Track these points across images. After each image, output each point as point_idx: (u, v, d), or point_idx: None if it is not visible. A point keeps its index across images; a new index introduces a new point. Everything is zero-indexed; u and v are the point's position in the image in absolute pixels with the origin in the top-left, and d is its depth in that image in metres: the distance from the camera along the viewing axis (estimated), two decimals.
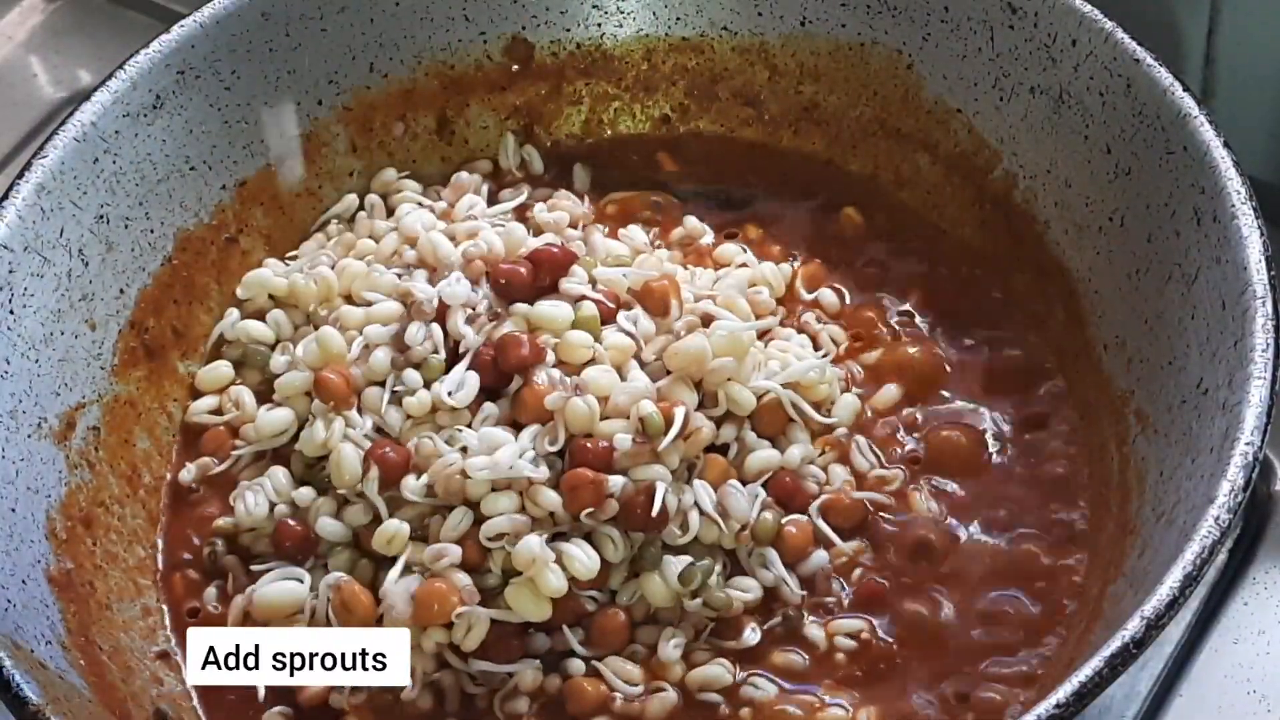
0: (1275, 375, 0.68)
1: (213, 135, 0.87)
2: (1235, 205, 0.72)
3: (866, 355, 0.84)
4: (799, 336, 0.83)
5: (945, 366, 0.83)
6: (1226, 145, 0.74)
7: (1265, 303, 0.69)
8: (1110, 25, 0.79)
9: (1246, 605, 0.81)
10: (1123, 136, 0.79)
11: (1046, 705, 0.61)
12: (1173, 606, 0.62)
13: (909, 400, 0.82)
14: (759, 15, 0.91)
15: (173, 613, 0.78)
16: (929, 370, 0.83)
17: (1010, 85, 0.84)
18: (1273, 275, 0.70)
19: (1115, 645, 0.62)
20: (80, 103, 0.82)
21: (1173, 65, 0.78)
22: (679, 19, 0.93)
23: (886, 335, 0.85)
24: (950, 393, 0.82)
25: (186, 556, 0.80)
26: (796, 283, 0.86)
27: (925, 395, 0.82)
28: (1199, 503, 0.66)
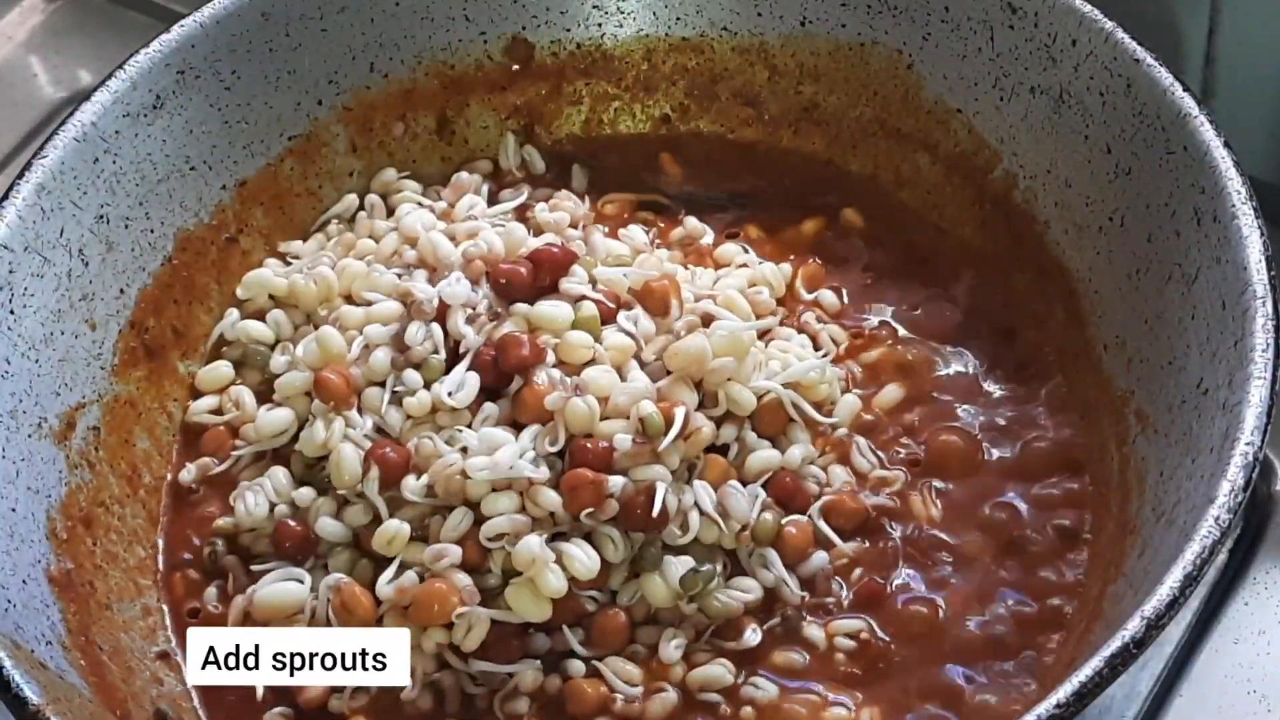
0: (1275, 375, 0.68)
1: (213, 135, 0.87)
2: (1235, 205, 0.72)
3: (866, 355, 0.84)
4: (799, 336, 0.83)
5: (944, 366, 0.83)
6: (1226, 145, 0.74)
7: (1265, 303, 0.69)
8: (1110, 25, 0.79)
9: (1246, 605, 0.81)
10: (1123, 136, 0.79)
11: (1046, 705, 0.61)
12: (1173, 606, 0.62)
13: (909, 401, 0.82)
14: (759, 15, 0.91)
15: (173, 613, 0.78)
16: (928, 370, 0.83)
17: (1010, 85, 0.84)
18: (1273, 275, 0.70)
19: (1115, 645, 0.62)
20: (80, 103, 0.82)
21: (1173, 65, 0.77)
22: (679, 19, 0.93)
23: (886, 335, 0.85)
24: (950, 393, 0.82)
25: (187, 556, 0.80)
26: (796, 283, 0.86)
27: (925, 396, 0.82)
28: (1199, 503, 0.66)
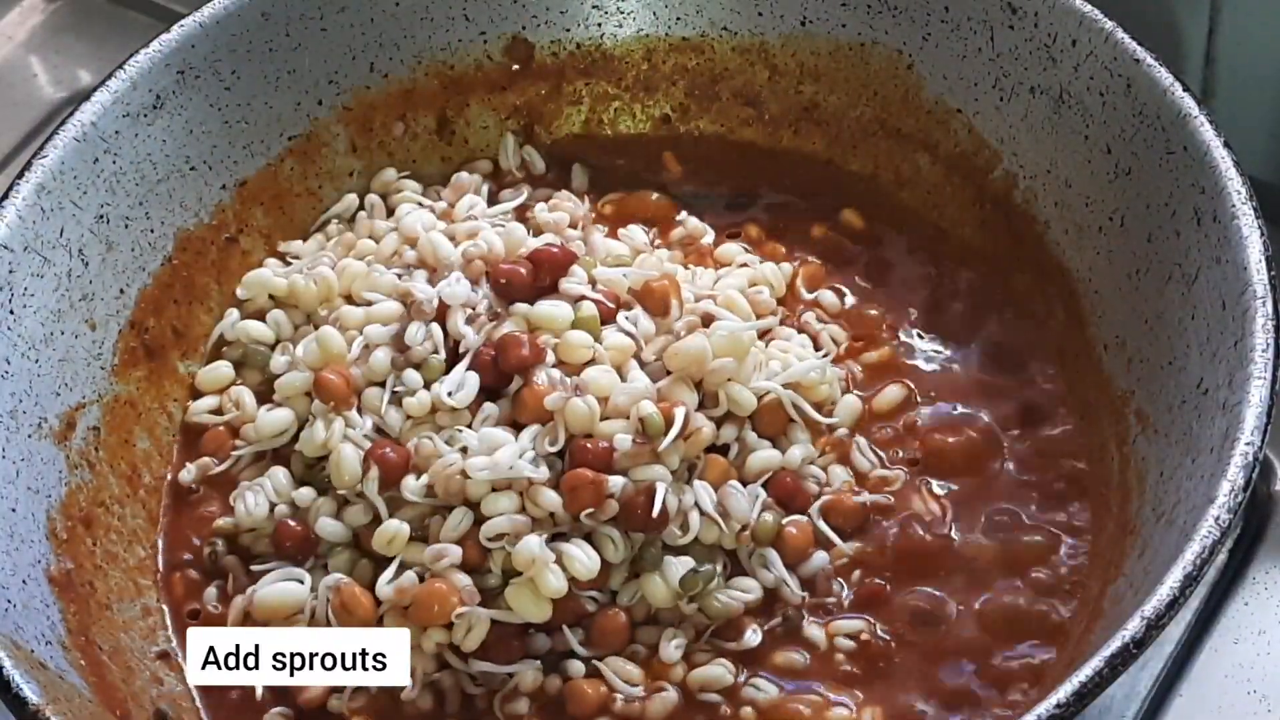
0: (1275, 375, 0.67)
1: (213, 135, 0.87)
2: (1235, 205, 0.72)
3: (867, 355, 0.84)
4: (799, 336, 0.82)
5: (945, 366, 0.83)
6: (1226, 145, 0.74)
7: (1265, 303, 0.69)
8: (1110, 25, 0.79)
9: (1246, 605, 0.81)
10: (1123, 136, 0.79)
11: (1046, 705, 0.61)
12: (1173, 606, 0.62)
13: (909, 401, 0.82)
14: (759, 15, 0.91)
15: (173, 613, 0.78)
16: (928, 370, 0.83)
17: (1010, 85, 0.84)
18: (1273, 275, 0.70)
19: (1115, 645, 0.62)
20: (80, 103, 0.82)
21: (1173, 65, 0.77)
22: (679, 19, 0.93)
23: (886, 335, 0.85)
24: (950, 393, 0.82)
25: (187, 556, 0.80)
26: (797, 282, 0.86)
27: (925, 396, 0.82)
28: (1199, 503, 0.66)
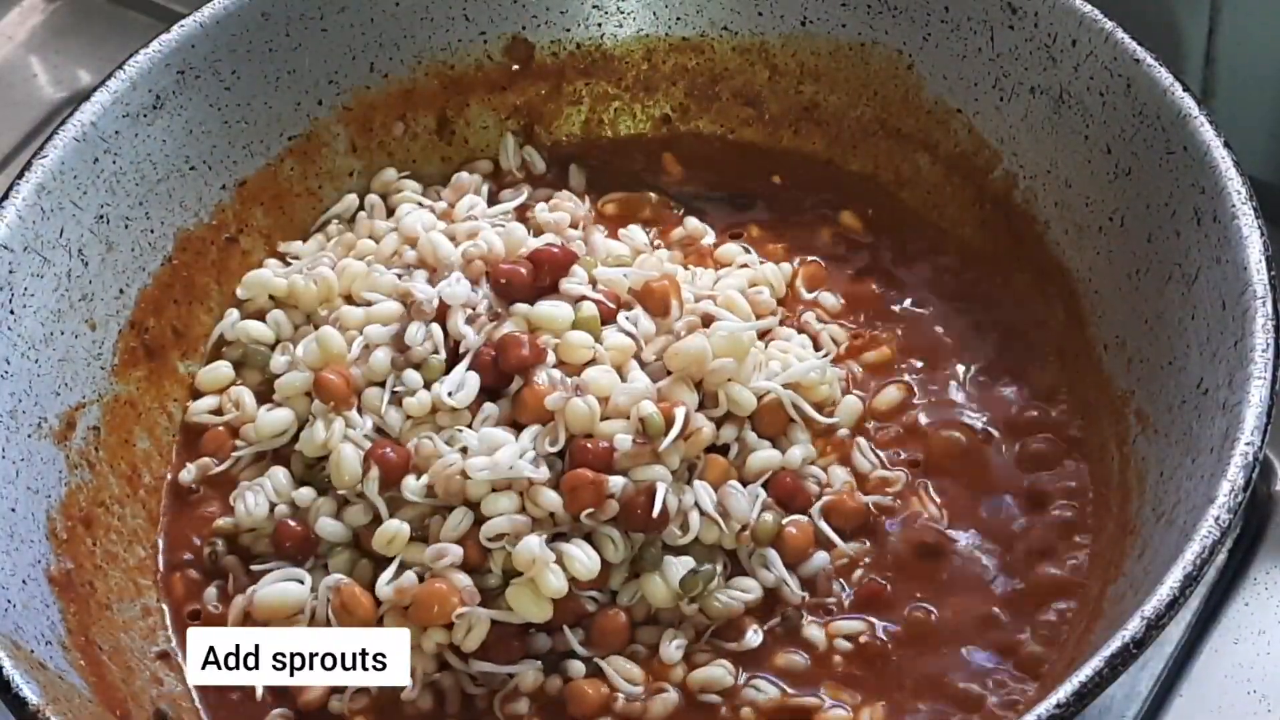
0: (1275, 375, 0.67)
1: (213, 135, 0.87)
2: (1235, 205, 0.72)
3: (867, 355, 0.83)
4: (799, 337, 0.82)
5: (945, 367, 0.83)
6: (1226, 145, 0.74)
7: (1265, 303, 0.69)
8: (1110, 25, 0.79)
9: (1246, 605, 0.81)
10: (1123, 136, 0.79)
11: (1046, 705, 0.61)
12: (1173, 606, 0.62)
13: (909, 401, 0.82)
14: (759, 15, 0.91)
15: (173, 613, 0.78)
16: (929, 371, 0.83)
17: (1010, 85, 0.84)
18: (1273, 275, 0.70)
19: (1115, 645, 0.62)
20: (80, 103, 0.82)
21: (1173, 65, 0.77)
22: (679, 19, 0.93)
23: (887, 335, 0.85)
24: (950, 393, 0.82)
25: (187, 556, 0.80)
26: (797, 283, 0.86)
27: (925, 396, 0.82)
28: (1199, 503, 0.66)
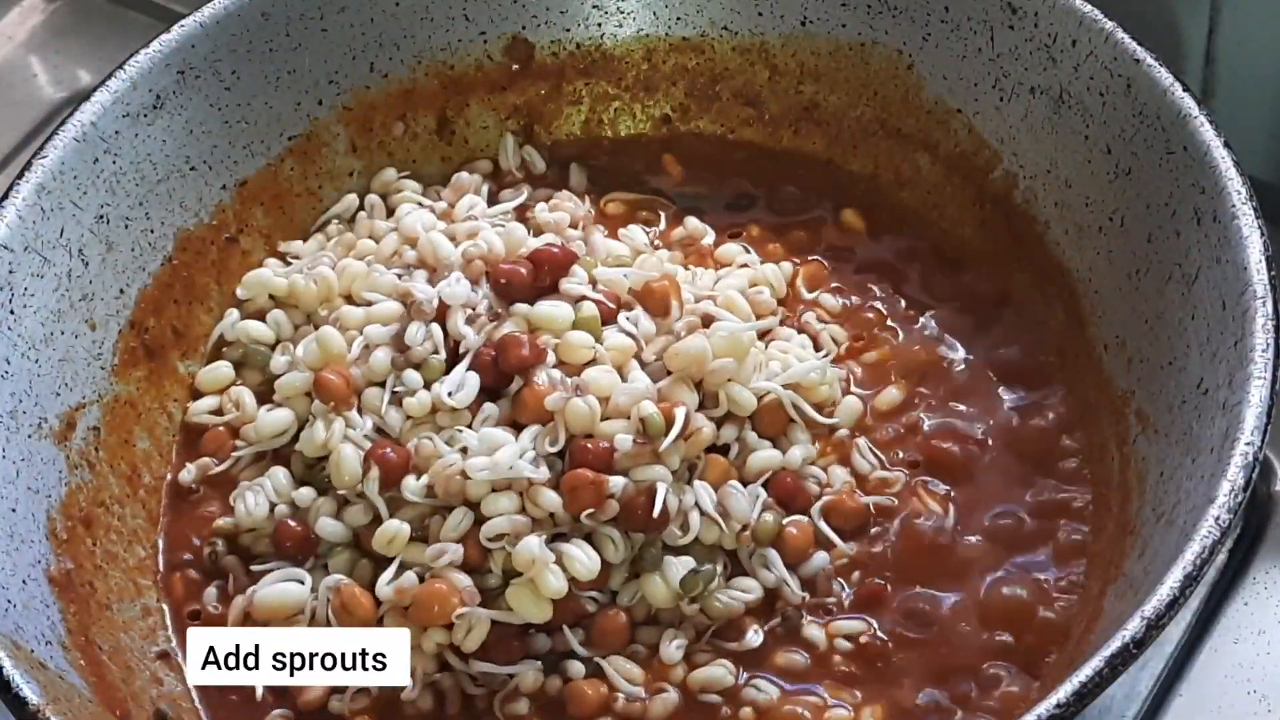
0: (1275, 375, 0.67)
1: (213, 135, 0.87)
2: (1235, 205, 0.72)
3: (867, 355, 0.84)
4: (800, 337, 0.82)
5: (945, 367, 0.83)
6: (1226, 145, 0.74)
7: (1265, 303, 0.69)
8: (1110, 25, 0.79)
9: (1246, 605, 0.81)
10: (1123, 136, 0.79)
11: (1046, 705, 0.61)
12: (1173, 606, 0.62)
13: (909, 401, 0.82)
14: (759, 15, 0.91)
15: (173, 613, 0.78)
16: (929, 370, 0.83)
17: (1010, 85, 0.84)
18: (1273, 275, 0.70)
19: (1115, 645, 0.62)
20: (80, 103, 0.82)
21: (1173, 65, 0.77)
22: (679, 19, 0.93)
23: (887, 335, 0.85)
24: (950, 394, 0.82)
25: (187, 557, 0.80)
26: (797, 282, 0.86)
27: (926, 396, 0.82)
28: (1199, 503, 0.66)
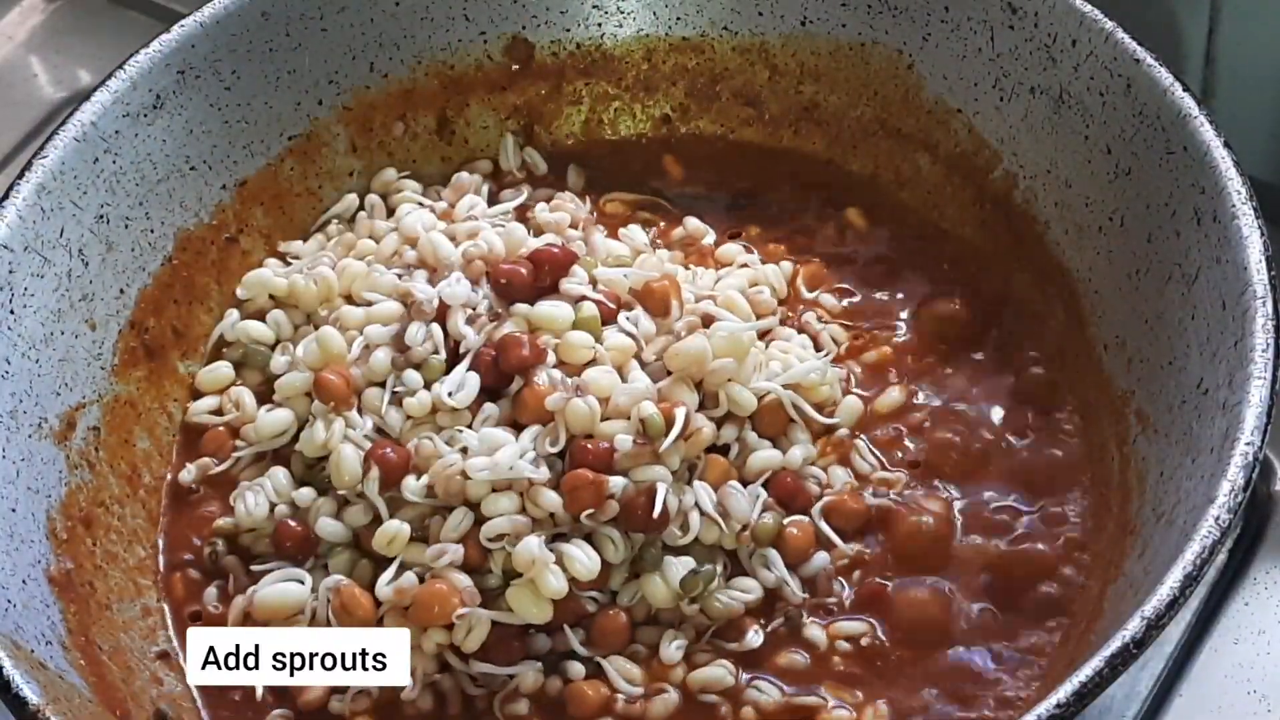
0: (1275, 375, 0.67)
1: (213, 135, 0.87)
2: (1235, 205, 0.72)
3: (867, 355, 0.84)
4: (800, 337, 0.82)
5: (945, 367, 0.83)
6: (1226, 145, 0.74)
7: (1265, 303, 0.69)
8: (1110, 25, 0.79)
9: (1246, 605, 0.81)
10: (1123, 136, 0.79)
11: (1046, 705, 0.61)
12: (1173, 606, 0.62)
13: (909, 402, 0.82)
14: (759, 15, 0.91)
15: (173, 613, 0.78)
16: (929, 371, 0.83)
17: (1010, 85, 0.84)
18: (1273, 275, 0.70)
19: (1115, 645, 0.62)
20: (80, 103, 0.82)
21: (1173, 65, 0.77)
22: (679, 19, 0.93)
23: (887, 335, 0.85)
24: (951, 394, 0.82)
25: (187, 557, 0.80)
26: (797, 282, 0.86)
27: (926, 396, 0.82)
28: (1199, 503, 0.66)
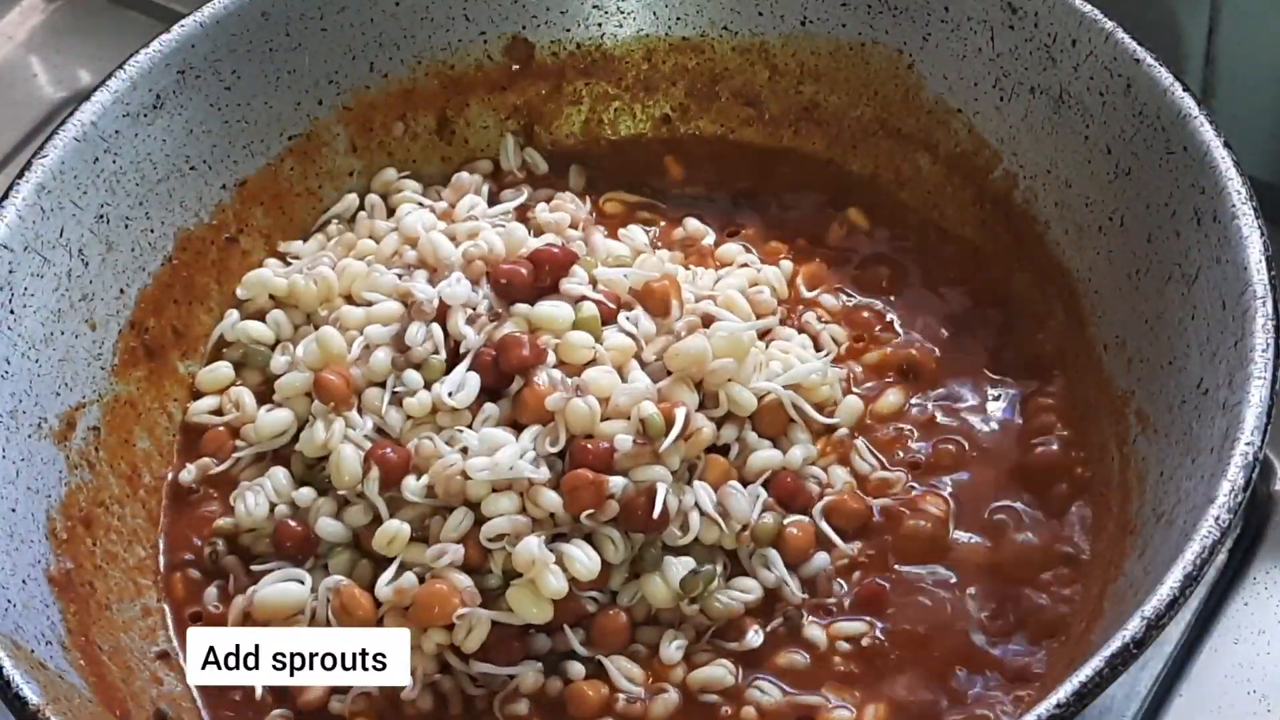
0: (1275, 375, 0.67)
1: (213, 135, 0.87)
2: (1235, 205, 0.72)
3: (867, 355, 0.83)
4: (800, 337, 0.82)
5: (945, 367, 0.83)
6: (1226, 145, 0.74)
7: (1265, 303, 0.69)
8: (1110, 25, 0.79)
9: (1246, 605, 0.81)
10: (1123, 136, 0.79)
11: (1046, 705, 0.61)
12: (1173, 606, 0.62)
13: (910, 402, 0.82)
14: (759, 15, 0.91)
15: (173, 613, 0.78)
16: (930, 370, 0.83)
17: (1010, 85, 0.84)
18: (1273, 275, 0.70)
19: (1115, 645, 0.62)
20: (80, 103, 0.82)
21: (1173, 65, 0.77)
22: (679, 19, 0.93)
23: (887, 335, 0.85)
24: (951, 394, 0.82)
25: (187, 557, 0.80)
26: (797, 282, 0.86)
27: (926, 396, 0.82)
28: (1199, 503, 0.66)
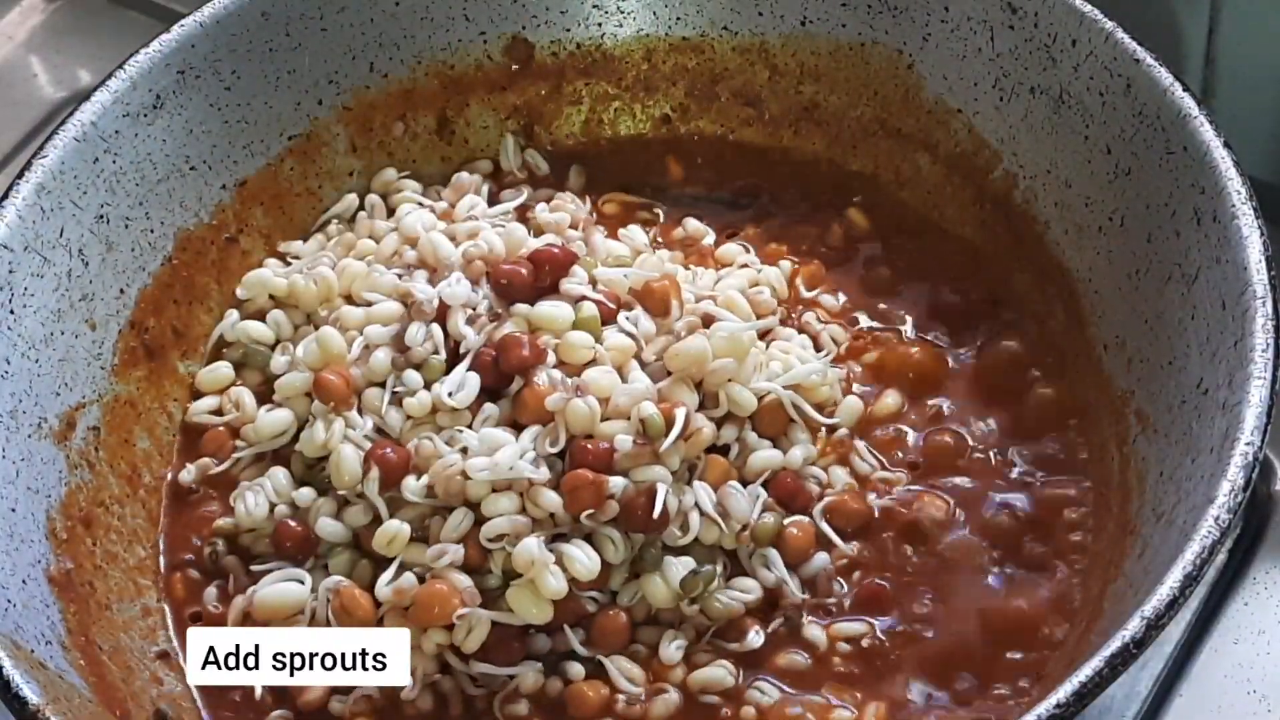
0: (1275, 375, 0.67)
1: (213, 135, 0.87)
2: (1235, 205, 0.72)
3: (867, 355, 0.83)
4: (800, 337, 0.82)
5: (946, 366, 0.83)
6: (1226, 145, 0.74)
7: (1265, 303, 0.69)
8: (1110, 25, 0.79)
9: (1246, 605, 0.81)
10: (1123, 136, 0.79)
11: (1046, 705, 0.61)
12: (1173, 606, 0.62)
13: (910, 401, 0.82)
14: (759, 15, 0.91)
15: (173, 613, 0.78)
16: (930, 370, 0.83)
17: (1010, 85, 0.84)
18: (1273, 275, 0.70)
19: (1115, 645, 0.62)
20: (80, 103, 0.82)
21: (1173, 65, 0.77)
22: (679, 19, 0.93)
23: (887, 335, 0.84)
24: (951, 393, 0.82)
25: (187, 556, 0.80)
26: (797, 282, 0.86)
27: (926, 396, 0.82)
28: (1199, 503, 0.66)
